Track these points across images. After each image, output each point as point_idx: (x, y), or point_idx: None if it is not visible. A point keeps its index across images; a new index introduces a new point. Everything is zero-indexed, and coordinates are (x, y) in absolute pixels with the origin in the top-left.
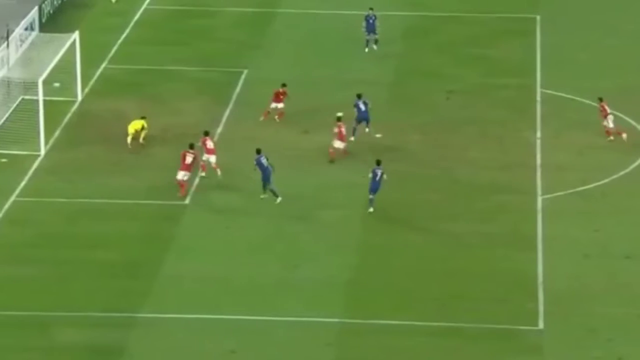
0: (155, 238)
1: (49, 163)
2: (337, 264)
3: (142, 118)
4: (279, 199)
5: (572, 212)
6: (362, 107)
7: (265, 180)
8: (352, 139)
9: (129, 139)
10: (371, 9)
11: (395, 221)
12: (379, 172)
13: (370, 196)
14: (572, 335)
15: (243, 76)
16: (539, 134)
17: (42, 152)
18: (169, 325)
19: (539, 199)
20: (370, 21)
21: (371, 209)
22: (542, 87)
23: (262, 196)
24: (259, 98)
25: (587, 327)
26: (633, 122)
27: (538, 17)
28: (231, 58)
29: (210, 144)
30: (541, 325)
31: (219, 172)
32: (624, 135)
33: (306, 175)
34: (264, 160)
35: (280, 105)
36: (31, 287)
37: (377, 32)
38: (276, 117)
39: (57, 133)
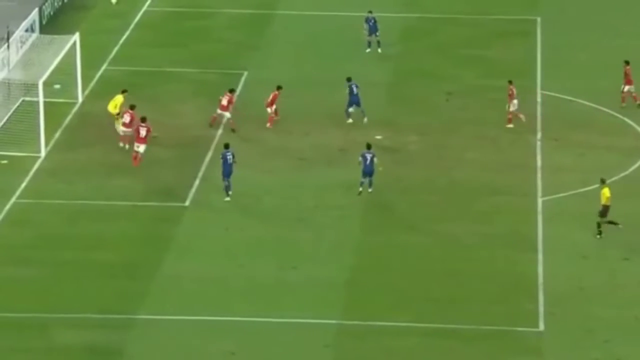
0: (154, 239)
1: (49, 164)
2: (335, 265)
3: (123, 92)
4: (227, 198)
5: (572, 213)
6: (355, 89)
7: (226, 175)
8: (350, 120)
9: (116, 125)
10: (370, 12)
11: (394, 222)
12: (368, 156)
13: (364, 180)
14: (571, 336)
15: (243, 78)
16: (539, 136)
17: (43, 153)
18: (168, 327)
19: (539, 201)
20: (371, 23)
21: (370, 190)
22: (542, 88)
23: (226, 199)
24: (259, 100)
25: (586, 329)
26: (632, 123)
27: (538, 19)
28: (231, 60)
29: (142, 132)
30: (541, 326)
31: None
32: (522, 117)
33: (304, 176)
34: (229, 156)
35: (269, 109)
36: (30, 288)
37: (378, 33)
38: (268, 124)
39: (57, 135)
